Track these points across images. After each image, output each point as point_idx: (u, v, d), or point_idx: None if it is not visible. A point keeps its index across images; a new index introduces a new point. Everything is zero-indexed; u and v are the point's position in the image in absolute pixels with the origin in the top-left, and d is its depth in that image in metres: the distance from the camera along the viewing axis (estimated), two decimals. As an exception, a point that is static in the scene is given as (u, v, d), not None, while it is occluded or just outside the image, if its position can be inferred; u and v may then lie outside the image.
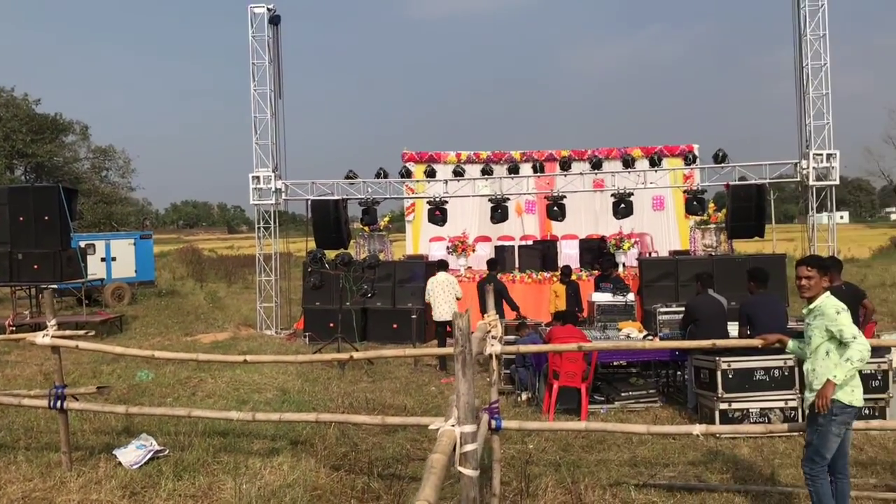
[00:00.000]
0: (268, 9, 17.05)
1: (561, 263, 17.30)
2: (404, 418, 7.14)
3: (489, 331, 5.95)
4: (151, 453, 6.91)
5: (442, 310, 13.01)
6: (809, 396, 5.12)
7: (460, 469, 2.96)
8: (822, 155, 15.14)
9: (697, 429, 5.71)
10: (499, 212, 16.30)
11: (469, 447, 2.95)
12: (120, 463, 6.74)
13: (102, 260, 24.09)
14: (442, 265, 13.68)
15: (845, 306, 5.12)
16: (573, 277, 14.37)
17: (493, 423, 5.85)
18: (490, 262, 13.88)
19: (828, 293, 5.21)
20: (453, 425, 2.97)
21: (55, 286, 17.72)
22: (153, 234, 29.70)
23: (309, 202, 16.55)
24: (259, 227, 17.48)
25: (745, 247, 23.27)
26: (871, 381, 8.28)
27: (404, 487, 6.27)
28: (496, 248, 18.68)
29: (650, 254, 18.94)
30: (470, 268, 17.93)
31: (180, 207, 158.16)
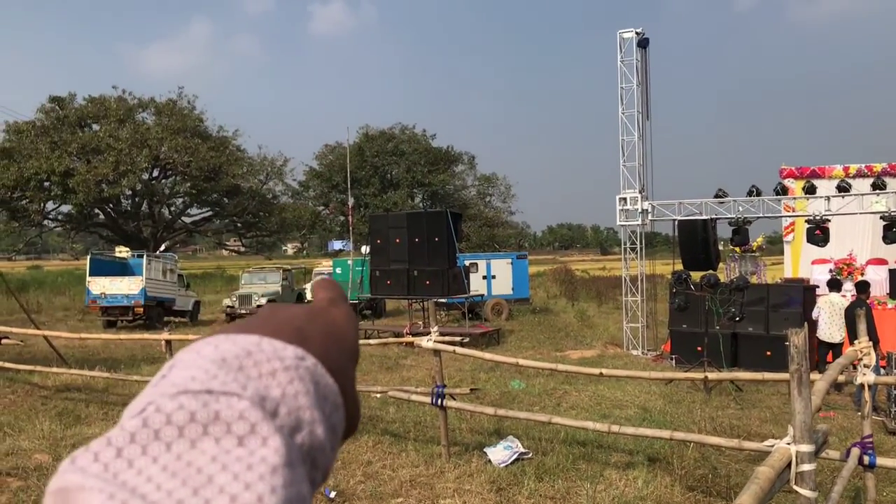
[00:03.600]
0: (636, 33, 17.35)
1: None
2: (763, 444, 6.80)
3: (860, 358, 5.50)
4: (517, 454, 7.50)
5: (831, 331, 12.29)
6: None
7: (796, 488, 2.88)
8: None
9: None
10: (893, 231, 14.55)
11: (806, 467, 2.86)
12: (489, 460, 7.43)
13: (483, 278, 26.23)
14: (835, 285, 12.93)
15: None
16: None
17: (867, 458, 5.39)
18: (859, 285, 12.61)
19: None
20: (788, 443, 2.91)
21: (442, 300, 19.83)
22: (528, 254, 31.56)
23: (675, 222, 16.38)
24: (625, 248, 17.75)
25: None
26: None
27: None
28: (892, 271, 16.63)
29: None
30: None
31: (556, 230, 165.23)
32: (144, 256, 24.39)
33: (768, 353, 14.36)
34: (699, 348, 13.73)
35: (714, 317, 13.55)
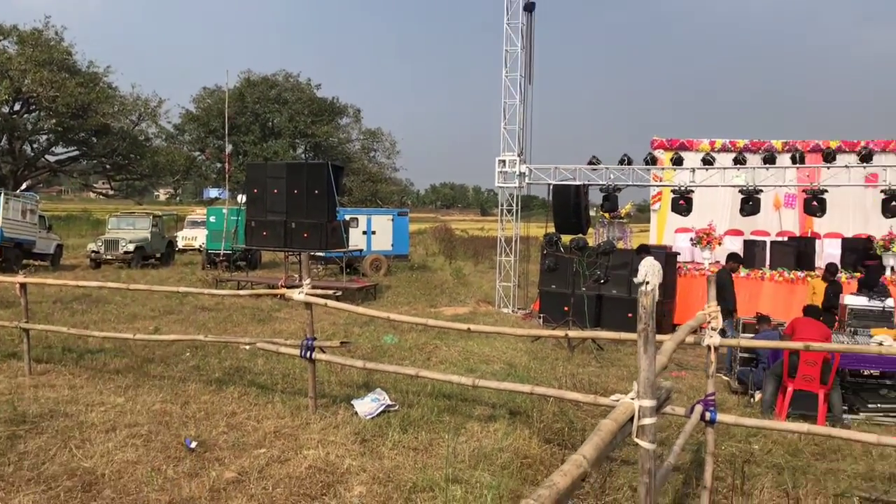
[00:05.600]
0: (523, -5, 17.48)
1: (820, 263, 16.15)
2: (609, 399, 7.18)
3: (709, 321, 5.84)
4: (384, 406, 7.60)
5: (656, 291, 13.29)
6: None
7: (637, 441, 3.06)
8: None
9: (938, 446, 5.20)
10: (750, 204, 15.48)
11: (647, 421, 3.04)
12: (356, 412, 7.49)
13: (364, 233, 26.14)
14: (645, 249, 14.52)
15: None
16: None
17: (708, 415, 5.75)
18: (729, 256, 13.44)
19: None
20: (633, 398, 3.08)
21: (320, 254, 19.61)
22: (410, 212, 31.66)
23: (550, 186, 16.80)
24: (502, 210, 18.09)
25: None
26: None
27: (615, 469, 6.37)
28: (746, 242, 17.72)
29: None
30: (717, 262, 17.16)
31: (439, 189, 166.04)
32: (2, 195, 22.85)
33: (630, 314, 15.04)
34: (566, 308, 14.25)
35: (581, 279, 14.07)
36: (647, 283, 13.67)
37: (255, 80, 55.55)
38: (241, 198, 22.57)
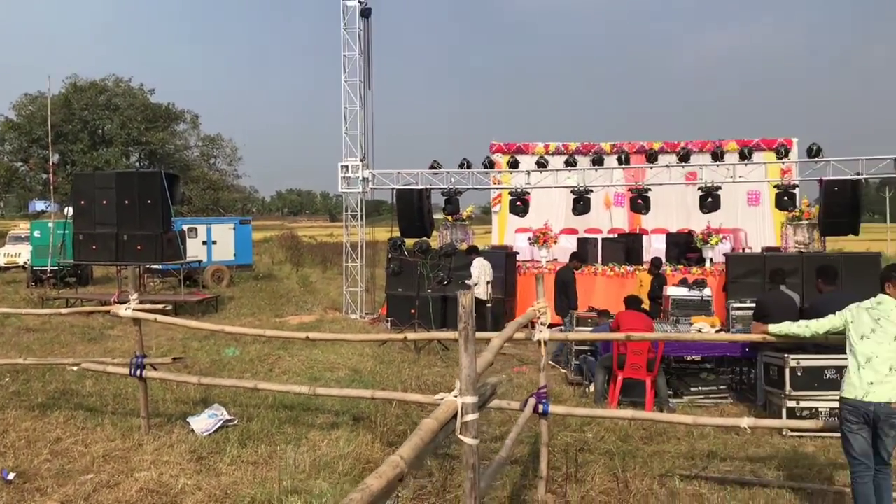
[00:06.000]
0: (359, 2, 17.49)
1: (647, 257, 17.13)
2: (434, 398, 7.33)
3: (538, 317, 6.06)
4: (221, 422, 7.37)
5: (486, 290, 13.91)
6: None
7: (460, 437, 3.13)
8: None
9: (745, 422, 5.65)
10: (581, 203, 16.21)
11: (469, 417, 3.11)
12: (192, 430, 7.22)
13: (203, 243, 25.22)
14: (476, 250, 14.87)
15: None
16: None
17: (541, 407, 5.96)
18: (571, 255, 14.05)
19: None
20: (455, 396, 3.14)
21: (156, 266, 18.75)
22: (252, 219, 30.89)
23: (394, 191, 16.90)
24: (347, 215, 18.02)
25: (851, 245, 22.35)
26: None
27: (456, 466, 6.47)
28: (580, 240, 18.54)
29: (743, 250, 18.45)
30: (555, 260, 17.83)
31: (285, 195, 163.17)
32: None
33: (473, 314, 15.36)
34: (412, 311, 14.38)
35: (425, 281, 14.26)
36: (488, 282, 14.03)
37: (83, 86, 52.42)
38: (69, 210, 21.20)
